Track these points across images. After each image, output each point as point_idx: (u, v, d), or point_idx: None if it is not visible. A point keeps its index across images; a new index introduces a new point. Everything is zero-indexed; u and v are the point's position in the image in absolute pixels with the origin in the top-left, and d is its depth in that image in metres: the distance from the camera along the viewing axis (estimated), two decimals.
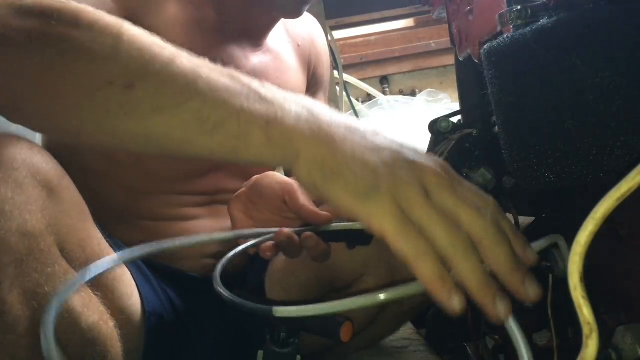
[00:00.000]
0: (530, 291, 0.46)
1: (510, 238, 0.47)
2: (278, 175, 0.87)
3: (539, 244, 0.58)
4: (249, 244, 0.74)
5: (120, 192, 0.89)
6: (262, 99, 0.53)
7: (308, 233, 0.73)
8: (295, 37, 1.08)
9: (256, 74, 0.95)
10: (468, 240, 0.46)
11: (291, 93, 0.56)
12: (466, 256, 0.45)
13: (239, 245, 0.75)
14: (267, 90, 0.55)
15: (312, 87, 1.14)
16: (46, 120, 0.54)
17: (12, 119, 0.55)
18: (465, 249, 0.45)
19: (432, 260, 0.45)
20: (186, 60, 0.54)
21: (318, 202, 0.81)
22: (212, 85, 0.52)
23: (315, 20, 1.18)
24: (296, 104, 0.54)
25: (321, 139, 0.51)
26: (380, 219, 0.46)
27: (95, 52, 0.52)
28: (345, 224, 0.78)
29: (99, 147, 0.62)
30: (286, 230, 0.74)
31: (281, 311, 0.57)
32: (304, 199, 0.80)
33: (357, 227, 0.74)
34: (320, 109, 0.54)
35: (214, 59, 0.88)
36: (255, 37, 0.96)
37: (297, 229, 0.76)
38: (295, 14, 0.93)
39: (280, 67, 1.01)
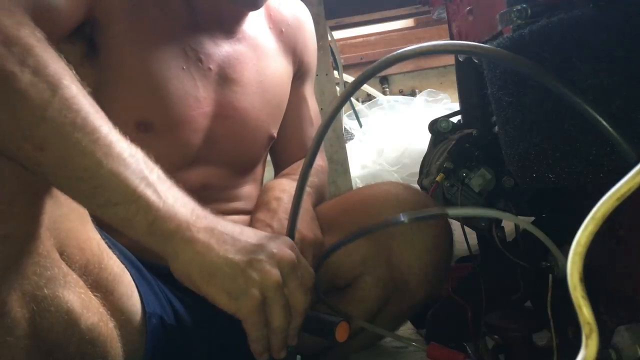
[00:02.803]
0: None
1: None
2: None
3: None
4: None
5: None
6: (156, 192, 0.64)
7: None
8: (279, 22, 1.05)
9: (231, 60, 0.94)
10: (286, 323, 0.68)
11: (181, 192, 0.68)
12: (281, 334, 0.69)
13: None
14: (163, 184, 0.65)
15: (300, 76, 1.11)
16: None
17: None
18: (284, 329, 0.68)
19: (264, 344, 0.69)
20: (103, 136, 0.61)
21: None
22: (115, 169, 0.61)
23: (304, 7, 1.14)
24: (183, 205, 0.66)
25: (198, 242, 0.65)
26: (245, 315, 0.66)
27: (29, 100, 0.57)
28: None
29: None
30: None
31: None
32: None
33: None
34: (200, 212, 0.68)
35: (186, 51, 0.87)
36: (228, 25, 0.94)
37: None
38: (251, 6, 0.93)
39: (257, 54, 0.99)
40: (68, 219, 0.68)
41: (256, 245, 0.68)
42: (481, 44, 0.62)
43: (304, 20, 1.11)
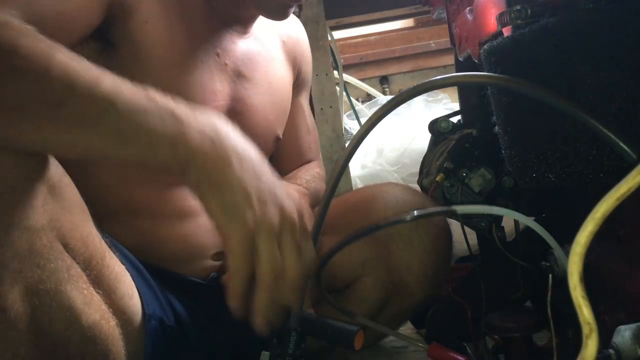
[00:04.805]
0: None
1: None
2: None
3: None
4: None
5: (114, 184, 0.88)
6: (174, 117, 0.63)
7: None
8: (280, 33, 1.08)
9: (245, 59, 0.95)
10: (273, 277, 0.64)
11: (202, 111, 0.66)
12: (267, 290, 0.64)
13: None
14: (181, 109, 0.64)
15: (298, 85, 1.14)
16: None
17: None
18: (270, 284, 0.64)
19: (243, 282, 0.63)
20: (109, 81, 0.61)
21: None
22: (129, 105, 0.61)
23: (297, 19, 1.18)
24: (207, 120, 0.65)
25: (217, 154, 0.63)
26: (233, 240, 0.62)
27: (29, 75, 0.59)
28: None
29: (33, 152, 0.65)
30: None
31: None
32: None
33: None
34: (225, 128, 0.66)
35: (205, 45, 0.88)
36: (242, 24, 0.96)
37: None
38: (279, 16, 0.94)
39: (267, 56, 1.01)
40: (70, 212, 0.68)
41: (269, 190, 0.66)
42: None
43: (301, 32, 1.16)
